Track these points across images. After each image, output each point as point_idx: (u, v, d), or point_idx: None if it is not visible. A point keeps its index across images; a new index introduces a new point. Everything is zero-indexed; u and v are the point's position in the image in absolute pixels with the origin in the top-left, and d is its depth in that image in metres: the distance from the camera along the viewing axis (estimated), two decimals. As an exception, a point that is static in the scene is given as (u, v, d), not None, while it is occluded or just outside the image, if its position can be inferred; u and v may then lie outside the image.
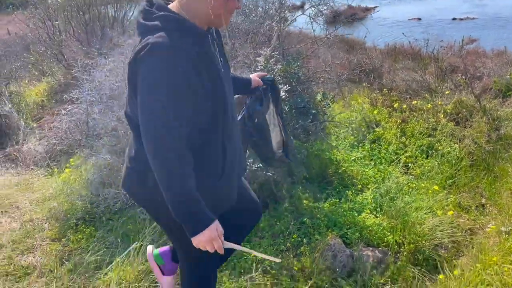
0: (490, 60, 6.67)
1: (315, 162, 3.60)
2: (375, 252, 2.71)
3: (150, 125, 1.34)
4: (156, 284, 2.42)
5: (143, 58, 1.32)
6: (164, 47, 1.31)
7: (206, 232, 1.38)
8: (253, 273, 2.48)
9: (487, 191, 3.41)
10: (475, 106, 4.63)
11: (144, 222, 2.77)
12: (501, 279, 2.07)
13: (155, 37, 1.33)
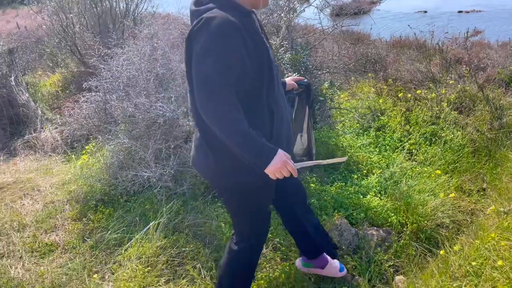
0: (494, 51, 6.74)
1: (322, 148, 3.74)
2: (379, 231, 2.86)
3: (205, 86, 1.48)
4: (174, 258, 2.58)
5: (198, 29, 1.50)
6: (217, 19, 1.49)
7: (277, 158, 1.51)
8: (264, 250, 2.63)
9: (488, 176, 3.54)
10: (478, 96, 4.74)
11: (161, 202, 2.93)
12: (498, 253, 2.20)
13: (208, 13, 1.51)
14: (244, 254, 1.97)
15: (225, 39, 1.49)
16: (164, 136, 2.98)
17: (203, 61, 1.49)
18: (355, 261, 2.61)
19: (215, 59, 1.48)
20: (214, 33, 1.48)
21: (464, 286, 1.96)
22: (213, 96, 1.48)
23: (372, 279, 2.49)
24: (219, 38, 1.48)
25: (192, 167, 2.82)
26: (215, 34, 1.48)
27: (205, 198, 3.06)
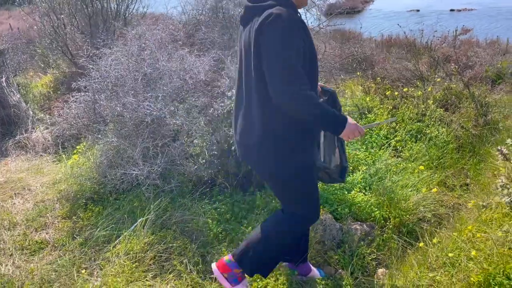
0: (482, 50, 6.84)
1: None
2: (363, 226, 2.92)
3: (285, 71, 1.70)
4: (161, 254, 2.64)
5: (271, 23, 1.70)
6: (285, 16, 1.71)
7: (350, 123, 1.83)
8: (250, 245, 2.69)
9: (471, 172, 3.62)
10: (464, 93, 4.82)
11: (149, 200, 2.98)
12: (473, 245, 2.27)
13: (275, 9, 1.72)
14: (295, 221, 2.13)
15: (294, 31, 1.73)
16: (152, 135, 3.03)
17: (280, 50, 1.70)
18: (338, 255, 2.67)
19: (291, 47, 1.70)
20: (286, 26, 1.71)
21: (440, 276, 2.02)
22: (292, 78, 1.70)
23: (355, 272, 2.55)
24: (291, 30, 1.72)
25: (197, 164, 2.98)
26: (287, 27, 1.71)
27: (192, 195, 3.12)
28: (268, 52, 1.72)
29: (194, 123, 3.10)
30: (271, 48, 1.71)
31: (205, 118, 3.15)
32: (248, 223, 2.90)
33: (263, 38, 1.72)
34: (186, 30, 3.87)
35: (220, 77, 3.14)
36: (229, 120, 3.09)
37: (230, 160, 3.15)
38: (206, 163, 3.08)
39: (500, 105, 4.85)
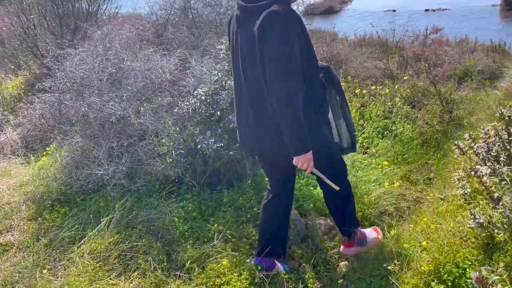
0: (451, 48, 7.00)
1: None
2: (327, 220, 2.99)
3: (283, 67, 1.81)
4: (126, 253, 2.65)
5: (271, 21, 1.81)
6: (283, 12, 1.83)
7: (308, 155, 1.93)
8: (215, 241, 2.72)
9: (435, 166, 3.71)
10: (430, 91, 4.94)
11: (114, 199, 2.99)
12: (427, 236, 2.35)
13: (273, 7, 1.83)
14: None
15: (293, 26, 1.84)
16: (118, 135, 3.04)
17: (278, 47, 1.81)
18: (302, 250, 2.72)
19: (290, 44, 1.82)
20: (285, 23, 1.82)
21: (393, 266, 2.09)
22: (289, 75, 1.82)
23: (318, 266, 2.61)
24: (290, 26, 1.83)
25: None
26: (286, 24, 1.82)
27: (159, 194, 3.14)
28: (268, 49, 1.83)
29: (161, 122, 3.12)
30: (270, 45, 1.83)
31: (172, 117, 3.17)
32: (215, 220, 2.94)
33: (264, 35, 1.84)
34: (154, 30, 3.88)
35: (186, 76, 3.16)
36: (195, 119, 3.11)
37: (197, 158, 3.18)
38: (173, 162, 3.10)
39: (465, 102, 4.99)
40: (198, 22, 3.98)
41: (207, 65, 3.07)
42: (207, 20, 4.03)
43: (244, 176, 3.36)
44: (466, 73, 6.11)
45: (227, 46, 3.23)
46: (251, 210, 3.02)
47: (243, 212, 3.02)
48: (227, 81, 3.12)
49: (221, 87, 3.13)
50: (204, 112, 3.13)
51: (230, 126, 3.10)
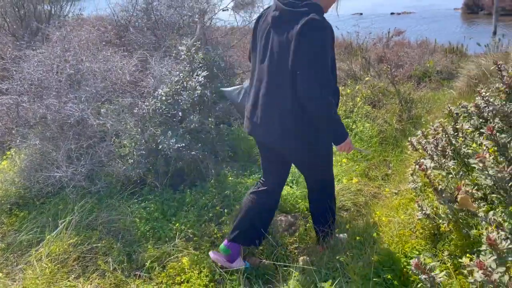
0: (411, 50, 7.26)
1: (242, 143, 3.91)
2: (287, 217, 3.05)
3: (317, 77, 1.96)
4: (85, 255, 2.63)
5: (310, 27, 1.94)
6: (321, 20, 1.97)
7: (348, 140, 2.19)
8: (176, 241, 2.74)
9: (393, 163, 3.85)
10: (390, 91, 5.12)
11: (74, 201, 2.96)
12: (380, 229, 2.45)
13: (312, 15, 1.96)
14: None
15: (328, 36, 1.99)
16: (77, 136, 3.01)
17: (319, 52, 1.96)
18: (262, 246, 2.77)
19: (327, 53, 1.98)
20: (323, 33, 1.96)
21: (346, 257, 2.17)
22: (324, 81, 1.98)
23: (278, 261, 2.67)
24: (326, 34, 1.98)
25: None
26: (324, 34, 1.97)
27: (121, 195, 3.12)
28: (308, 53, 1.96)
29: (122, 123, 3.11)
30: (311, 50, 1.95)
31: (133, 118, 3.16)
32: (177, 220, 2.95)
33: (304, 40, 1.95)
34: (116, 31, 3.86)
35: (145, 77, 3.17)
36: (156, 120, 3.13)
37: (159, 159, 3.19)
38: (134, 163, 3.10)
39: (424, 101, 5.19)
40: (161, 23, 3.98)
41: (167, 65, 3.09)
42: (170, 21, 4.04)
43: (207, 176, 3.39)
44: (426, 74, 6.35)
45: (188, 47, 3.27)
46: (214, 209, 3.05)
47: (205, 211, 3.05)
48: (188, 82, 3.14)
49: (182, 88, 3.16)
50: (165, 112, 3.14)
51: (191, 126, 3.13)
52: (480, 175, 1.86)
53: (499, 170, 1.76)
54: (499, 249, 1.35)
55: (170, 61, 3.16)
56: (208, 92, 3.18)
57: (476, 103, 2.76)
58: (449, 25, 15.13)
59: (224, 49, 3.73)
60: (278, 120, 2.16)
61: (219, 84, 3.26)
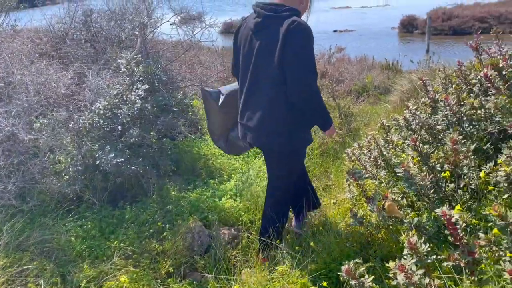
0: (351, 66, 7.61)
1: (186, 157, 3.88)
2: (231, 230, 3.06)
3: (309, 68, 2.13)
4: (15, 278, 2.47)
5: (295, 29, 2.09)
6: (303, 23, 2.14)
7: (333, 125, 2.43)
8: (114, 259, 2.65)
9: (333, 174, 3.99)
10: (331, 104, 5.32)
11: (3, 221, 2.78)
12: (318, 238, 2.52)
13: (294, 18, 2.12)
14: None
15: (312, 34, 2.15)
16: (7, 152, 2.85)
17: (305, 52, 2.12)
18: (205, 260, 2.76)
19: (311, 49, 2.15)
20: (307, 32, 2.12)
21: (287, 268, 2.21)
22: (314, 75, 2.17)
23: (221, 274, 2.65)
24: (310, 35, 2.13)
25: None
26: (308, 33, 2.12)
27: (55, 214, 2.98)
28: (297, 48, 2.11)
29: (57, 138, 2.99)
30: (300, 45, 2.12)
31: (69, 132, 3.05)
32: (116, 237, 2.86)
33: (292, 37, 2.10)
34: (52, 43, 3.72)
35: (82, 91, 3.08)
36: (94, 134, 3.04)
37: (97, 175, 3.09)
38: (70, 180, 2.98)
39: (362, 115, 5.44)
40: (100, 36, 3.90)
41: (106, 79, 3.02)
42: (110, 34, 3.96)
43: (149, 191, 3.32)
44: (364, 89, 6.67)
45: (128, 60, 3.22)
46: (155, 225, 2.99)
47: (146, 227, 2.98)
48: (128, 95, 3.09)
49: (122, 101, 3.10)
50: (104, 126, 3.06)
51: (131, 140, 3.06)
52: (405, 183, 1.98)
53: (421, 178, 1.88)
54: (419, 252, 1.43)
55: (108, 74, 3.09)
56: (149, 105, 3.14)
57: (405, 116, 2.94)
58: (386, 43, 16.04)
59: (167, 63, 3.71)
60: (268, 120, 2.30)
61: (160, 98, 3.23)
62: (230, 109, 2.61)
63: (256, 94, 2.32)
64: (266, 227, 2.59)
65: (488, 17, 19.76)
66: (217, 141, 2.81)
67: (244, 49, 2.33)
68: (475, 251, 1.34)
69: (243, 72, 2.38)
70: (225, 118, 2.68)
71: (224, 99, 2.61)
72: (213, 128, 2.76)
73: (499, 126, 2.19)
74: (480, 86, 2.55)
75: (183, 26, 3.94)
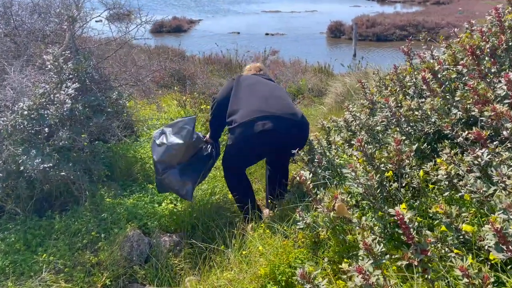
0: (286, 69, 7.73)
1: (120, 161, 3.65)
2: (172, 237, 2.92)
3: None
4: None
5: None
6: None
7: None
8: (43, 274, 2.41)
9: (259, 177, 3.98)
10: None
11: None
12: (265, 241, 2.48)
13: None
14: None
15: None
16: None
17: None
18: (145, 270, 2.60)
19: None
20: None
21: (234, 273, 2.14)
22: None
23: (163, 284, 2.52)
24: None
25: None
26: None
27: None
28: None
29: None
30: None
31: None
32: (45, 250, 2.60)
33: None
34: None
35: (2, 89, 2.76)
36: (16, 137, 2.74)
37: (21, 182, 2.79)
38: (-11, 188, 2.66)
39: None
40: (22, 30, 3.55)
41: (30, 76, 2.74)
42: (33, 28, 3.62)
43: (81, 198, 3.07)
44: (299, 91, 6.80)
45: (55, 56, 2.95)
46: (88, 235, 2.77)
47: (78, 238, 2.75)
48: (55, 94, 2.83)
49: (49, 101, 2.83)
50: (28, 129, 2.77)
51: (60, 143, 2.81)
52: (352, 183, 2.00)
53: (368, 178, 1.91)
54: (374, 252, 1.44)
55: (33, 72, 2.81)
56: (80, 105, 2.90)
57: (345, 117, 3.01)
58: (315, 47, 16.61)
59: (98, 60, 3.47)
60: (296, 110, 2.80)
61: (92, 97, 3.00)
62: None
63: (282, 95, 2.95)
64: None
65: (408, 25, 21.26)
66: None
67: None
68: (428, 249, 1.37)
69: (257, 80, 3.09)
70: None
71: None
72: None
73: (434, 127, 2.30)
74: (415, 88, 2.68)
75: (116, 22, 3.71)
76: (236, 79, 3.01)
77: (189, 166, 2.96)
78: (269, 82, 3.05)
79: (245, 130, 2.70)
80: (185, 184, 2.90)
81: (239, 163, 2.94)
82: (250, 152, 2.86)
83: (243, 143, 2.76)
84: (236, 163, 2.94)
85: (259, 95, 2.83)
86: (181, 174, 2.89)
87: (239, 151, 2.83)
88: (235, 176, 2.97)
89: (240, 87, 2.91)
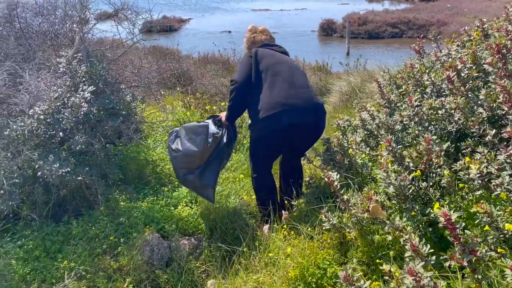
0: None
1: (132, 164, 3.62)
2: (191, 240, 2.90)
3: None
4: None
5: None
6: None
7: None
8: (65, 281, 2.37)
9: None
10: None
11: None
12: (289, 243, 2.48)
13: None
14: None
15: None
16: None
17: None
18: (167, 275, 2.58)
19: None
20: None
21: (263, 276, 2.13)
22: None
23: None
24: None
25: None
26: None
27: (-11, 235, 2.60)
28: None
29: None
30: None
31: (2, 141, 2.67)
32: (64, 256, 2.56)
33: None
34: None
35: (17, 93, 2.71)
36: (33, 142, 2.69)
37: (37, 188, 2.75)
38: (5, 194, 2.61)
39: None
40: (28, 32, 3.48)
41: (45, 80, 2.69)
42: (39, 30, 3.56)
43: (96, 203, 3.04)
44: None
45: (68, 59, 2.91)
46: (107, 240, 2.73)
47: (97, 243, 2.71)
48: (70, 98, 2.79)
49: (63, 105, 2.79)
50: (43, 133, 2.73)
51: (77, 148, 2.77)
52: (384, 184, 2.01)
53: (402, 178, 1.92)
54: (421, 253, 1.45)
55: (47, 75, 2.76)
56: (94, 109, 2.86)
57: (361, 116, 3.02)
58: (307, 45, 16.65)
59: (108, 63, 3.42)
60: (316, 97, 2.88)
61: (107, 100, 2.96)
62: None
63: (303, 83, 2.95)
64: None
65: (399, 22, 21.40)
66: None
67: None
68: (477, 249, 1.38)
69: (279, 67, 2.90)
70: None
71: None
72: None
73: (457, 126, 2.32)
74: (433, 87, 2.69)
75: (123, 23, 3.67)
76: (254, 56, 2.86)
77: (207, 168, 2.93)
78: (287, 60, 2.97)
79: (272, 124, 2.68)
80: (206, 189, 2.89)
81: (265, 159, 2.95)
82: (275, 147, 2.89)
83: (271, 138, 2.77)
84: (262, 160, 2.95)
85: (281, 81, 2.76)
86: (201, 177, 2.87)
87: (267, 146, 2.85)
88: (266, 174, 2.99)
89: (260, 69, 2.82)
